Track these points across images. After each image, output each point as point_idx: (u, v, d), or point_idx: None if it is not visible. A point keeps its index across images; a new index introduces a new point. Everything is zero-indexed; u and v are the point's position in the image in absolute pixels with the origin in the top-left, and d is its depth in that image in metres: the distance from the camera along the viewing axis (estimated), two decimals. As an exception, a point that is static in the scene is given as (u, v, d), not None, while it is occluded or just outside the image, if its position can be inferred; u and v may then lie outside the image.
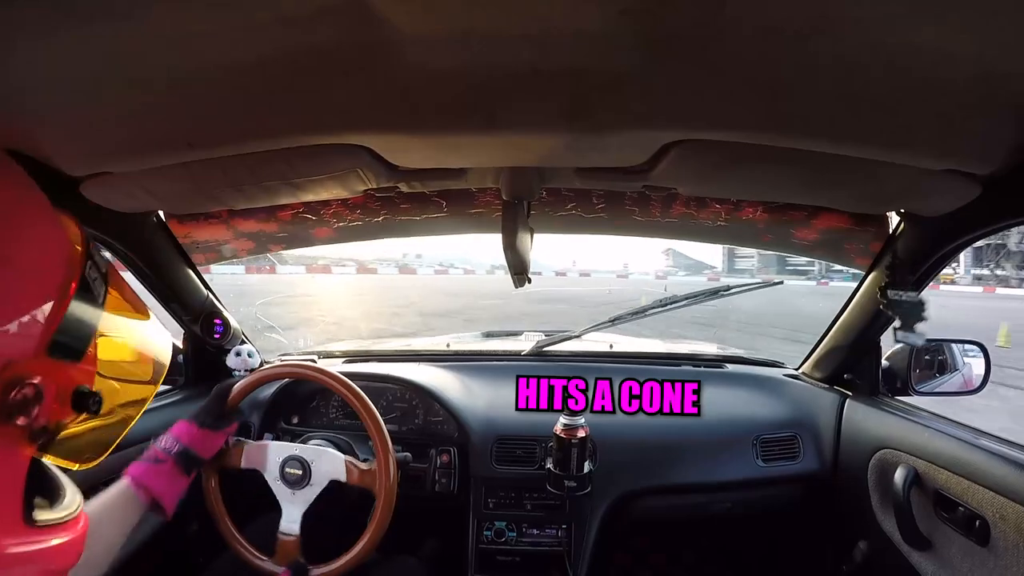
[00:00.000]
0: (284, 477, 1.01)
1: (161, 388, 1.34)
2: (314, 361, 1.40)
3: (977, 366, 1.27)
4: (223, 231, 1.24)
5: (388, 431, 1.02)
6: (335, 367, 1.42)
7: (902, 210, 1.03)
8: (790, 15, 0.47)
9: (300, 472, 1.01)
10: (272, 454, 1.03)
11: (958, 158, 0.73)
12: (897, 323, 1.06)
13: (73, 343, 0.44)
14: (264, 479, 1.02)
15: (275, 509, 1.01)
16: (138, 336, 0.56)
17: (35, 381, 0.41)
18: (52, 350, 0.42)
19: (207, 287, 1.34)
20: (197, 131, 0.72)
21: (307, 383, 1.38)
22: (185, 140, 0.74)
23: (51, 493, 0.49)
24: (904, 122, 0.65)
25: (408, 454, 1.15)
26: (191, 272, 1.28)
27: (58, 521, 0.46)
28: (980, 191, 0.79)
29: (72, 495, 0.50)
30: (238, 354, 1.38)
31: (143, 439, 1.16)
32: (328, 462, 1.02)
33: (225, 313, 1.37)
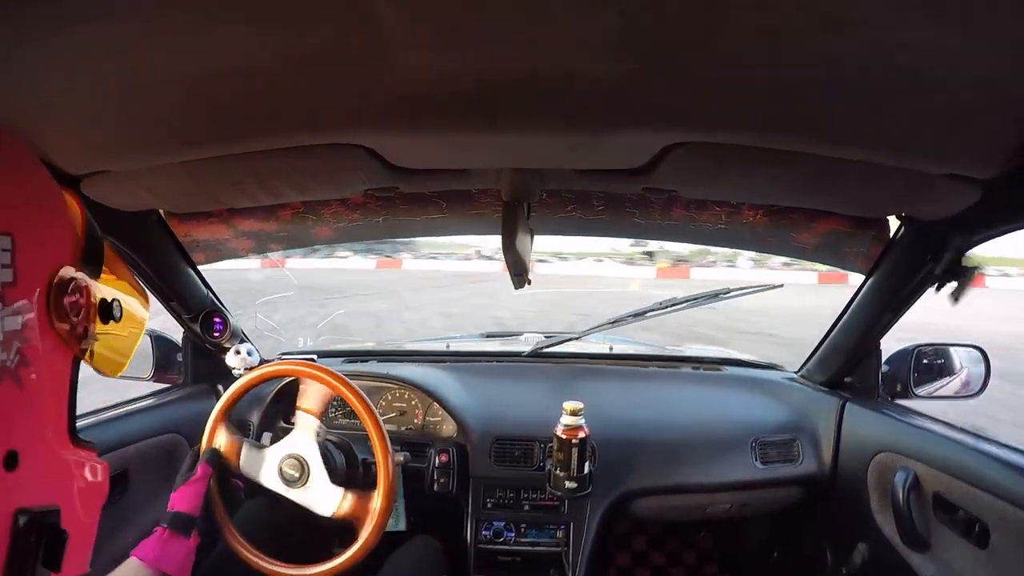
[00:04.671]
0: (282, 474, 1.01)
1: (161, 387, 1.36)
2: (313, 360, 1.40)
3: (976, 369, 1.27)
4: (223, 230, 1.24)
5: (387, 431, 1.02)
6: (334, 366, 1.42)
7: (903, 214, 1.03)
8: (790, 17, 0.47)
9: (297, 474, 1.01)
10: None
11: (959, 161, 0.73)
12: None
13: (95, 257, 0.46)
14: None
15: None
16: (129, 280, 0.59)
17: (84, 285, 0.43)
18: (84, 260, 0.44)
19: (207, 286, 1.35)
20: (197, 130, 0.72)
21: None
22: (185, 139, 0.74)
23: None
24: (905, 125, 0.65)
25: (407, 454, 1.15)
26: (191, 271, 1.29)
27: (94, 446, 0.47)
28: (981, 195, 0.79)
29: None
30: (237, 352, 1.38)
31: (148, 436, 1.17)
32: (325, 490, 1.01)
33: (225, 311, 1.37)
